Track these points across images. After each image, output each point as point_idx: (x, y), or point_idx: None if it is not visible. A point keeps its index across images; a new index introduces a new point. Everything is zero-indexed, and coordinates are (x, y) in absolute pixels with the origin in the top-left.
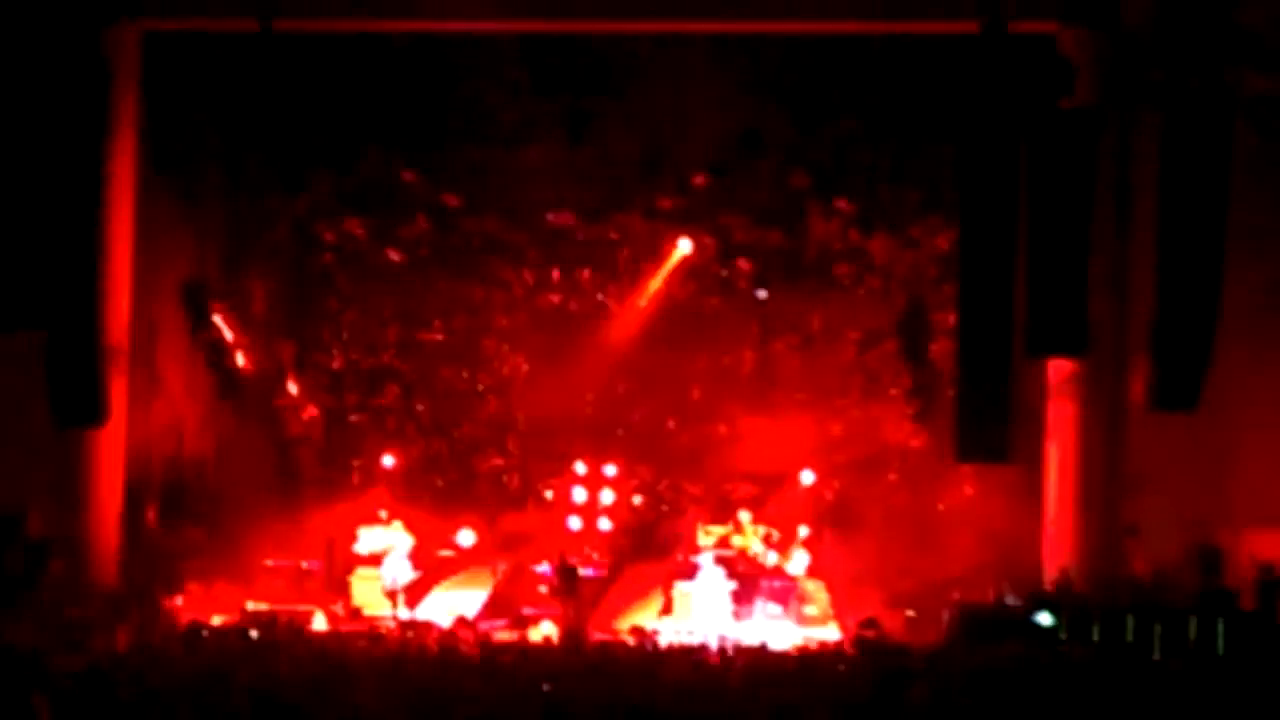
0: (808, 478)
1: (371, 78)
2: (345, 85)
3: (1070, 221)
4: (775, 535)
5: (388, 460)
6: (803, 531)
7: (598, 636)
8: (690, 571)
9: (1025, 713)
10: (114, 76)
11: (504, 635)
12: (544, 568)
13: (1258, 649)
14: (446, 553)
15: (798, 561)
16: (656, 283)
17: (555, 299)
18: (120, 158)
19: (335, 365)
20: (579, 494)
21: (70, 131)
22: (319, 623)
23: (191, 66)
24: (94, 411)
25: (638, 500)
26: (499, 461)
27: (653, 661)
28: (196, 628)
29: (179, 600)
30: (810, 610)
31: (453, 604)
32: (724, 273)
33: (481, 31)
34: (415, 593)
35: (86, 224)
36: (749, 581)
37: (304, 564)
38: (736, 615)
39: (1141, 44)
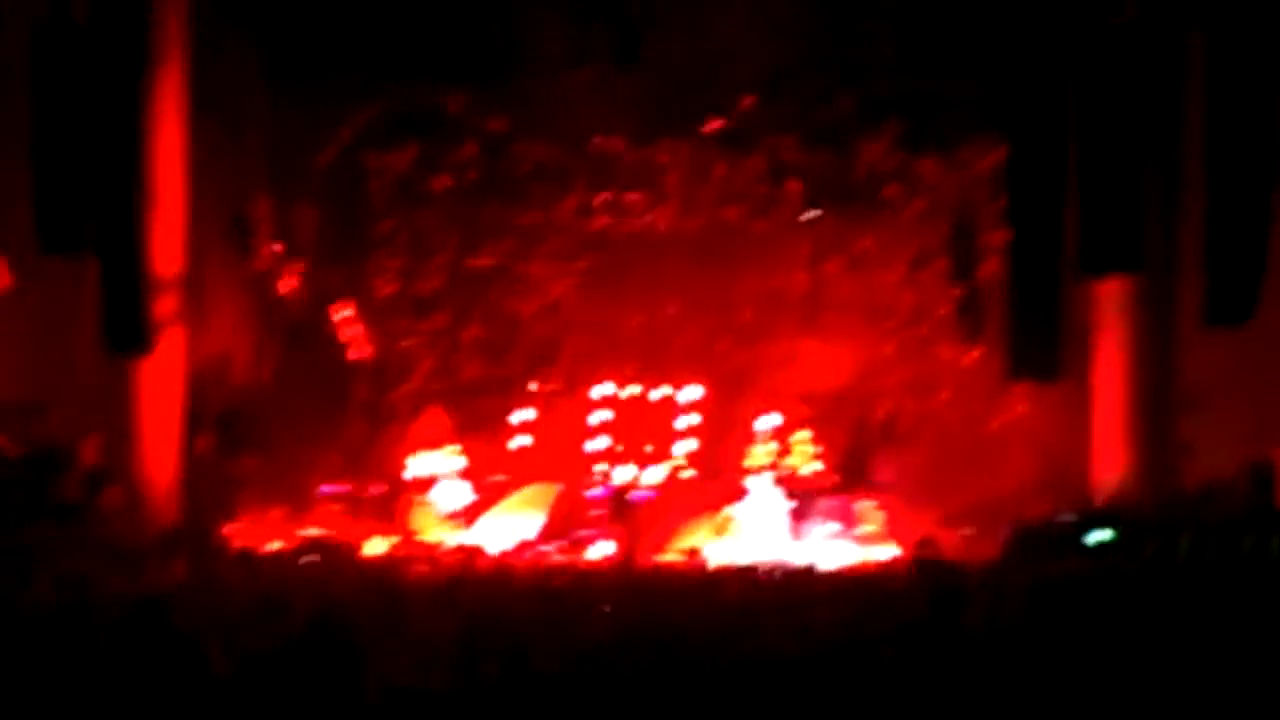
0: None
1: (418, 3)
2: (392, 11)
3: (1121, 139)
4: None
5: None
6: (856, 451)
7: (652, 559)
8: (744, 493)
9: (1082, 628)
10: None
11: (559, 558)
12: (598, 491)
13: None
14: (499, 477)
15: (852, 481)
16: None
17: (604, 222)
18: (167, 83)
19: (385, 292)
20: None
21: (116, 57)
22: (374, 548)
23: None
24: (143, 338)
25: (689, 422)
26: (550, 385)
27: (707, 582)
28: (251, 554)
29: (234, 527)
30: (866, 529)
31: (508, 527)
32: (773, 194)
33: None
34: (470, 516)
35: (133, 150)
36: (804, 501)
37: (358, 490)
38: (792, 535)
39: None
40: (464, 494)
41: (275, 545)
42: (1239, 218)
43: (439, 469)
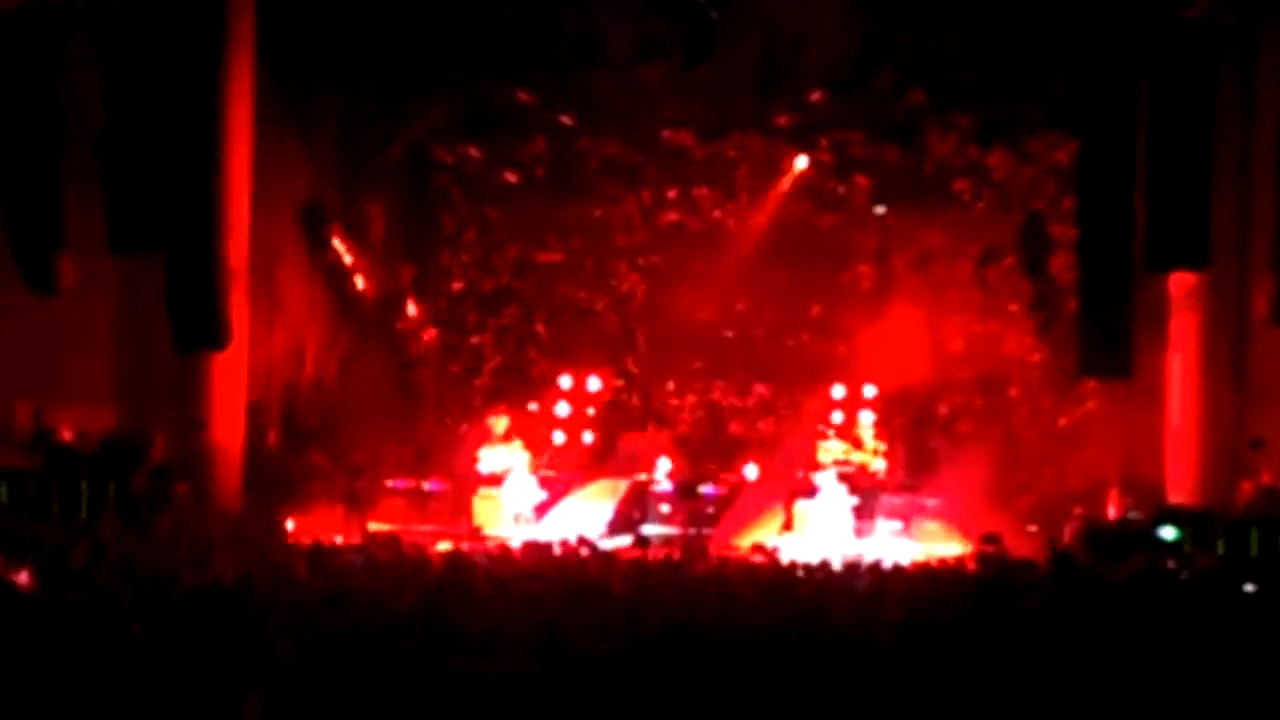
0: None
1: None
2: (460, 6)
3: (1191, 134)
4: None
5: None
6: (923, 448)
7: (719, 554)
8: (811, 488)
9: (1148, 626)
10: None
11: (626, 553)
12: (665, 486)
13: None
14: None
15: (918, 478)
16: (774, 199)
17: (673, 217)
18: (238, 79)
19: (454, 287)
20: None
21: (187, 53)
22: (442, 544)
23: None
24: (214, 335)
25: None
26: (619, 382)
27: (774, 578)
28: (319, 547)
29: (301, 521)
30: (931, 526)
31: (575, 522)
32: (842, 189)
33: None
34: (540, 511)
35: (204, 146)
36: (868, 498)
37: (425, 485)
38: (857, 532)
39: None
40: (532, 489)
41: (341, 539)
42: None
43: (506, 464)
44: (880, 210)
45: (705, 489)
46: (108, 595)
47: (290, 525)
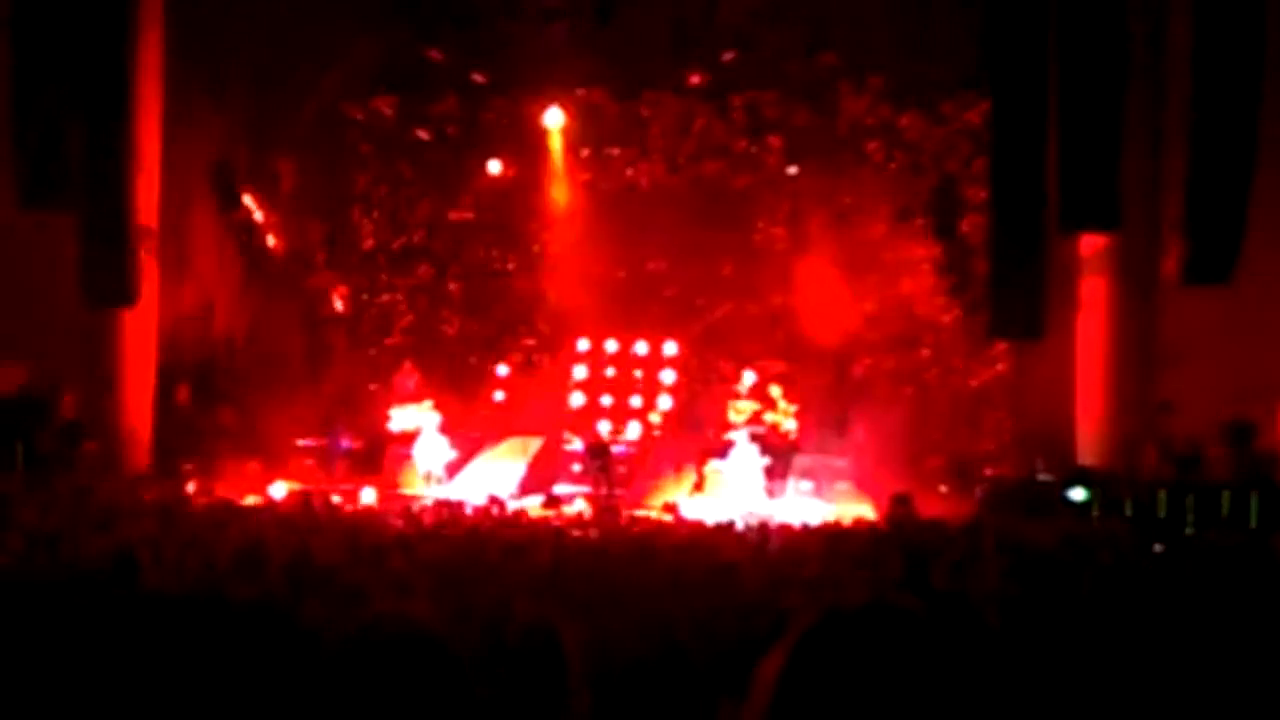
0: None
1: None
2: None
3: (1102, 95)
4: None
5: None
6: (834, 407)
7: (630, 513)
8: (723, 449)
9: (1057, 587)
10: None
11: (537, 512)
12: (576, 445)
13: None
14: (477, 432)
15: (829, 437)
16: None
17: (585, 176)
18: (147, 36)
19: (365, 245)
20: (609, 371)
21: (96, 10)
22: (352, 500)
23: None
24: (124, 290)
25: (669, 378)
26: (530, 340)
27: (686, 537)
28: (228, 506)
29: (210, 480)
30: (842, 487)
31: (487, 480)
32: (754, 149)
33: None
34: (450, 471)
35: (114, 102)
36: (780, 458)
37: (341, 443)
38: (769, 492)
39: None
40: (443, 449)
41: (251, 498)
42: (1221, 176)
43: (418, 424)
44: (793, 171)
45: (617, 448)
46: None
47: (200, 485)
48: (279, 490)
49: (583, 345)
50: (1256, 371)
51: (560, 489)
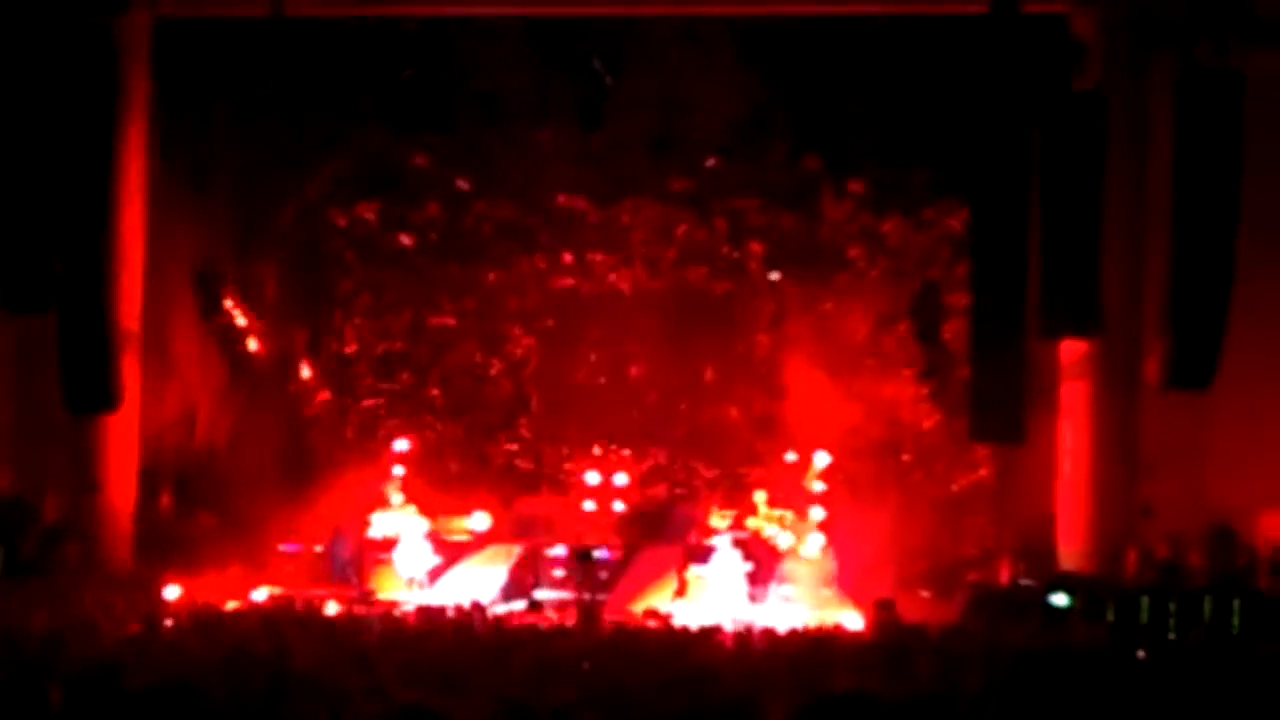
0: (821, 460)
1: (381, 61)
2: (355, 69)
3: (1082, 202)
4: (789, 517)
5: (400, 445)
6: (817, 514)
7: (613, 619)
8: (705, 554)
9: (1038, 692)
10: (125, 62)
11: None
12: (559, 551)
13: (1273, 629)
14: (460, 537)
15: (812, 544)
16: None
17: (568, 282)
18: (131, 142)
19: (348, 350)
20: (592, 477)
21: (81, 116)
22: (333, 607)
23: (202, 51)
24: (107, 397)
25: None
26: (513, 445)
27: (669, 643)
28: (210, 611)
29: (191, 585)
30: (825, 592)
31: (468, 586)
32: (736, 255)
33: (491, 15)
34: (431, 577)
35: (97, 208)
36: (764, 564)
37: (317, 549)
38: (751, 597)
39: (1152, 24)
40: (426, 554)
41: (233, 603)
42: (1201, 283)
43: (399, 528)
44: (775, 276)
45: (599, 554)
46: None
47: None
48: (260, 595)
49: (565, 451)
50: (1238, 476)
51: (542, 594)
